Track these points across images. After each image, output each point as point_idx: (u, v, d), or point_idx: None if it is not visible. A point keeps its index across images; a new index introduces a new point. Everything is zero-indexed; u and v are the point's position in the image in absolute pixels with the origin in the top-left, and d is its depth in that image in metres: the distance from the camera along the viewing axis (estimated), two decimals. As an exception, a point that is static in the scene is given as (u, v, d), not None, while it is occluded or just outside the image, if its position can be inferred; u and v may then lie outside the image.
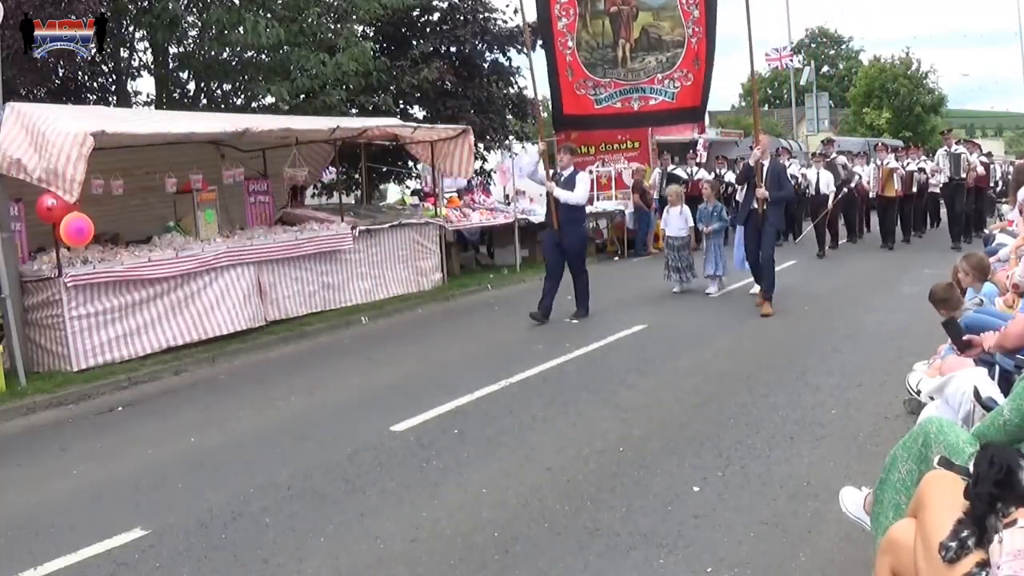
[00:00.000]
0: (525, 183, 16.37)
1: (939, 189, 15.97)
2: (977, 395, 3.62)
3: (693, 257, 11.53)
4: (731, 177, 16.12)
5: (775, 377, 6.79)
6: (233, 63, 13.33)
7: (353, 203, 15.16)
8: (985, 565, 2.19)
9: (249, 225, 10.81)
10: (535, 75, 11.22)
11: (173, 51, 13.22)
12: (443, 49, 16.62)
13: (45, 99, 10.98)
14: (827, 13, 59.90)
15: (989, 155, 19.84)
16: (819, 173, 15.60)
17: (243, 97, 13.73)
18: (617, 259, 15.81)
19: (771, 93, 58.62)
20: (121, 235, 9.53)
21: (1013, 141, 65.28)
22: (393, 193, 19.27)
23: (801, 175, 16.19)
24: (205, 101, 13.67)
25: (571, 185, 9.60)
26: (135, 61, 13.37)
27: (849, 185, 15.78)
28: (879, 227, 16.15)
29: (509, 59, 17.59)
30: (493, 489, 4.69)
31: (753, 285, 10.54)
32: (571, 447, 5.33)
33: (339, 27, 13.85)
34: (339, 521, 4.37)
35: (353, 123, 11.57)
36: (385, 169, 17.28)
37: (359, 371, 7.92)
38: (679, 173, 16.76)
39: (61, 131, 7.60)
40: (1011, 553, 2.12)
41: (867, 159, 17.03)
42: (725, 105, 57.44)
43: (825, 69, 55.86)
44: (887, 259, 14.28)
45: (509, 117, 18.00)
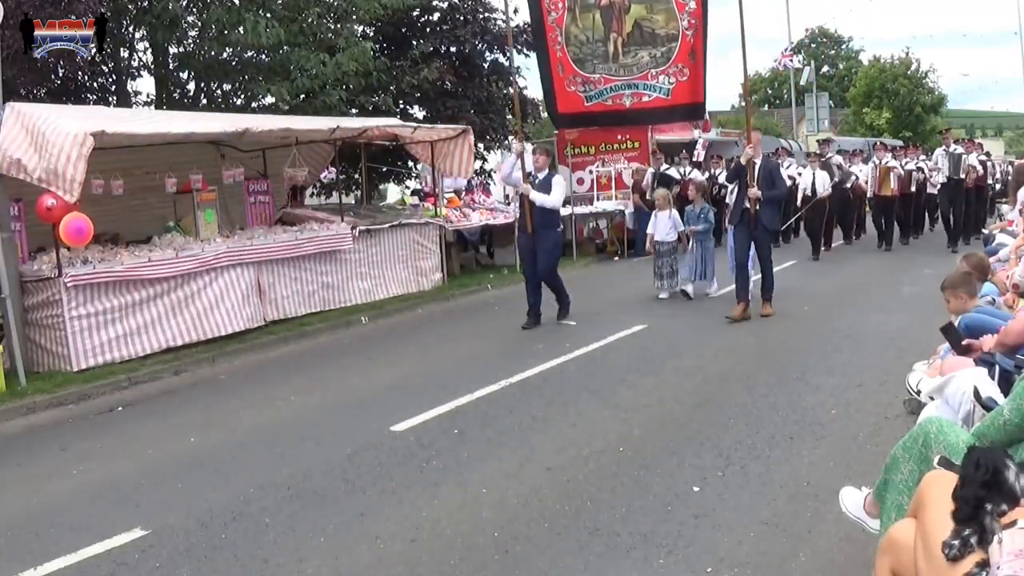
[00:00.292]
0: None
1: (937, 189, 15.59)
2: (977, 395, 3.62)
3: (678, 262, 11.17)
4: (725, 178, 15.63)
5: (775, 377, 6.79)
6: (233, 63, 13.34)
7: (353, 203, 15.16)
8: (985, 565, 2.19)
9: (249, 225, 10.81)
10: (513, 73, 11.12)
11: (173, 51, 13.22)
12: (443, 49, 16.63)
13: (45, 99, 10.98)
14: (827, 13, 59.88)
15: (988, 155, 19.70)
16: (815, 173, 15.18)
17: (243, 97, 13.74)
18: (617, 259, 15.80)
19: (771, 93, 58.62)
20: (121, 235, 9.53)
21: (1013, 141, 65.28)
22: (393, 193, 19.25)
23: (797, 175, 15.73)
24: (205, 101, 13.67)
25: (547, 188, 9.25)
26: (135, 61, 13.38)
27: (844, 184, 15.48)
28: (875, 228, 15.83)
29: (509, 59, 17.57)
30: (493, 489, 4.69)
31: (726, 287, 10.36)
32: (571, 447, 5.33)
33: (339, 27, 13.86)
34: (339, 521, 4.37)
35: (353, 123, 11.57)
36: (385, 169, 17.29)
37: (359, 371, 7.92)
38: (672, 173, 16.26)
39: (61, 131, 7.59)
40: (1011, 553, 2.13)
41: (864, 159, 16.68)
42: (725, 105, 57.36)
43: (825, 69, 55.85)
44: (887, 259, 14.28)
45: (509, 117, 17.99)
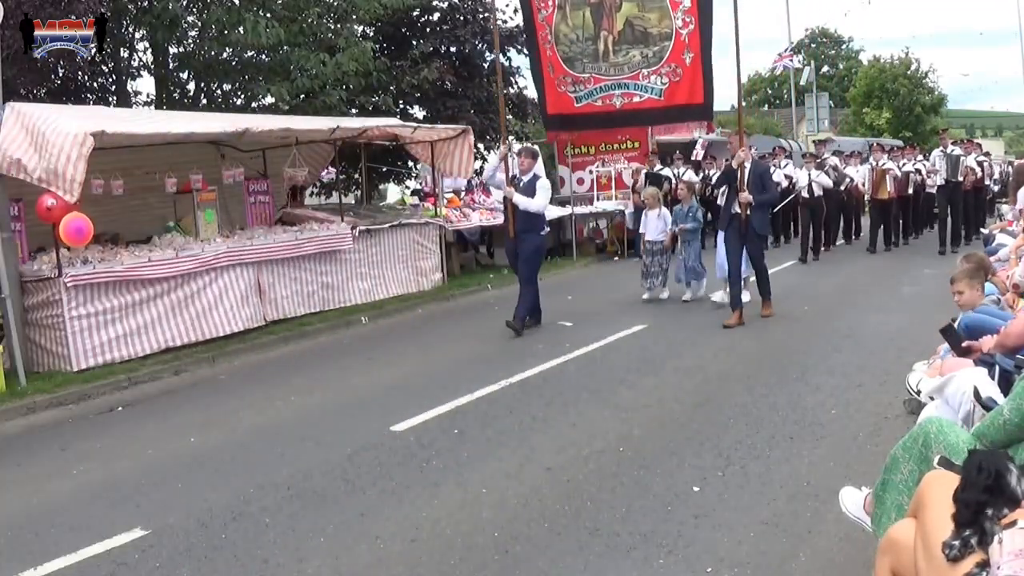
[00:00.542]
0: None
1: (935, 191, 15.24)
2: (977, 395, 3.62)
3: (670, 263, 10.95)
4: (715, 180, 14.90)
5: (775, 377, 6.79)
6: (233, 63, 13.34)
7: (353, 203, 15.16)
8: (985, 565, 2.19)
9: (249, 225, 10.81)
10: (502, 73, 10.35)
11: (173, 51, 13.23)
12: (443, 49, 16.64)
13: (45, 99, 10.99)
14: (827, 13, 59.90)
15: (987, 155, 19.51)
16: (810, 174, 14.85)
17: (243, 97, 13.74)
18: (617, 259, 15.80)
19: (771, 93, 58.61)
20: (121, 235, 9.52)
21: (1013, 141, 65.30)
22: (393, 193, 19.25)
23: (793, 175, 15.40)
24: (205, 101, 13.68)
25: (531, 191, 9.01)
26: (135, 61, 13.39)
27: (840, 186, 15.19)
28: (869, 231, 15.51)
29: (509, 59, 17.61)
30: (493, 489, 4.69)
31: (715, 293, 10.14)
32: (571, 447, 5.33)
33: (339, 27, 13.87)
34: (339, 521, 4.37)
35: (353, 123, 11.56)
36: (385, 169, 17.29)
37: (359, 371, 7.92)
38: (665, 173, 16.07)
39: (61, 131, 7.59)
40: (1011, 553, 2.13)
41: (862, 160, 16.34)
42: (725, 105, 57.25)
43: (825, 69, 55.85)
44: (886, 259, 14.28)
45: (509, 117, 17.99)
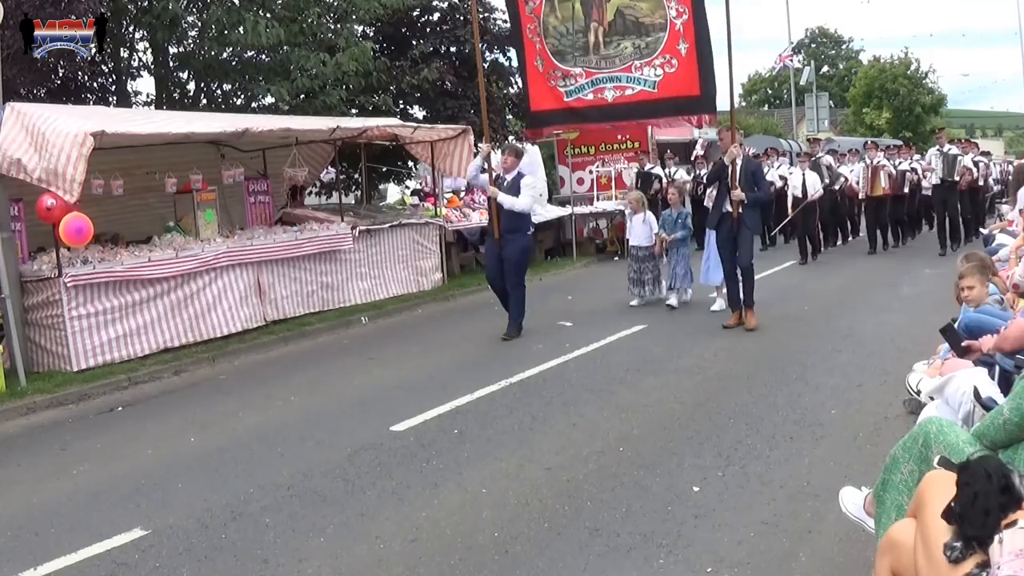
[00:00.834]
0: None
1: (930, 191, 15.05)
2: (977, 395, 3.63)
3: (659, 269, 10.61)
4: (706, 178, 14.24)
5: (775, 377, 6.79)
6: (233, 63, 13.34)
7: (353, 203, 15.16)
8: (986, 565, 2.19)
9: (249, 225, 10.81)
10: (482, 71, 9.99)
11: (173, 51, 13.24)
12: (443, 49, 16.63)
13: (45, 99, 10.99)
14: (827, 13, 59.83)
15: (987, 154, 19.30)
16: (804, 174, 14.61)
17: (243, 97, 13.74)
18: (617, 259, 15.78)
19: (771, 93, 58.66)
20: (121, 235, 9.53)
21: (1013, 141, 65.33)
22: (393, 193, 19.26)
23: (788, 174, 15.34)
24: (205, 101, 13.68)
25: (515, 190, 8.72)
26: (135, 61, 13.39)
27: (834, 186, 14.96)
28: (866, 231, 15.34)
29: (509, 59, 17.58)
30: (493, 489, 4.69)
31: (714, 301, 9.89)
32: (571, 447, 5.33)
33: (339, 27, 13.87)
34: (339, 521, 4.37)
35: (353, 123, 11.56)
36: (385, 169, 17.29)
37: (359, 371, 7.91)
38: (656, 172, 15.96)
39: (61, 131, 7.59)
40: (1012, 553, 2.12)
41: (860, 158, 16.05)
42: (725, 105, 57.24)
43: (825, 69, 55.89)
44: (886, 260, 14.27)
45: (509, 117, 18.00)
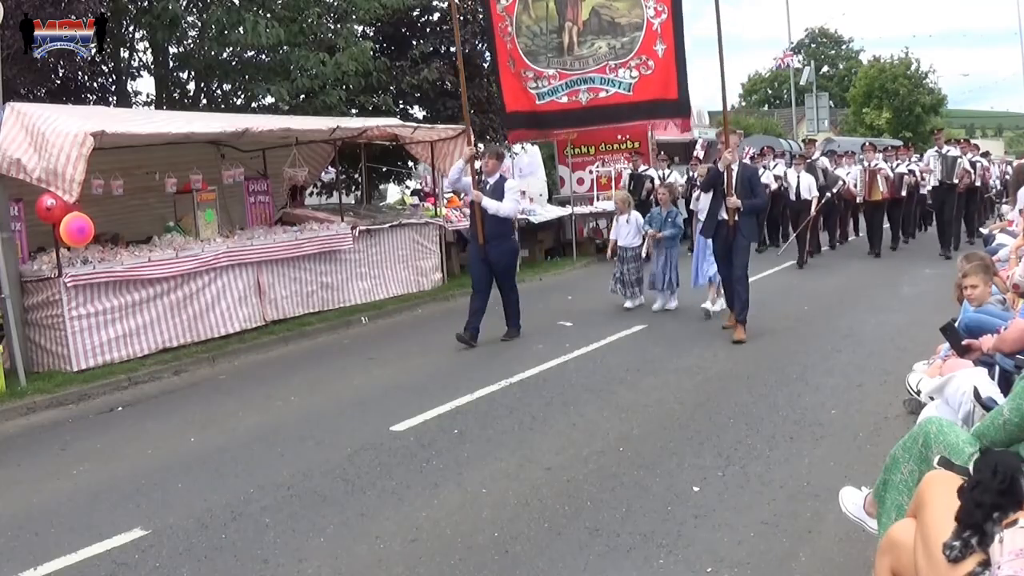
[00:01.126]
0: (525, 182, 16.22)
1: (928, 192, 15.01)
2: (977, 395, 3.63)
3: (643, 270, 10.45)
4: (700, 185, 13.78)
5: (775, 377, 6.79)
6: (233, 63, 13.32)
7: (353, 203, 15.15)
8: (986, 565, 2.19)
9: (249, 225, 10.81)
10: (464, 67, 9.35)
11: (173, 51, 13.21)
12: (443, 49, 16.60)
13: (45, 99, 10.97)
14: (827, 13, 59.79)
15: (986, 155, 19.13)
16: (799, 176, 14.46)
17: (243, 97, 13.72)
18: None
19: (771, 93, 58.67)
20: (121, 235, 9.53)
21: (1013, 141, 65.29)
22: (393, 193, 19.25)
23: (783, 175, 15.11)
24: (205, 101, 13.66)
25: (499, 194, 8.55)
26: (135, 61, 13.36)
27: (831, 190, 14.69)
28: (867, 233, 15.28)
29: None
30: (493, 489, 4.70)
31: (708, 301, 9.68)
32: (571, 447, 5.33)
33: (339, 27, 13.85)
34: (339, 521, 4.37)
35: (353, 123, 11.56)
36: (385, 169, 17.28)
37: (359, 371, 7.92)
38: (649, 173, 15.78)
39: (61, 131, 7.59)
40: (1012, 552, 2.12)
41: (855, 160, 16.06)
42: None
43: (825, 69, 55.90)
44: (886, 260, 14.26)
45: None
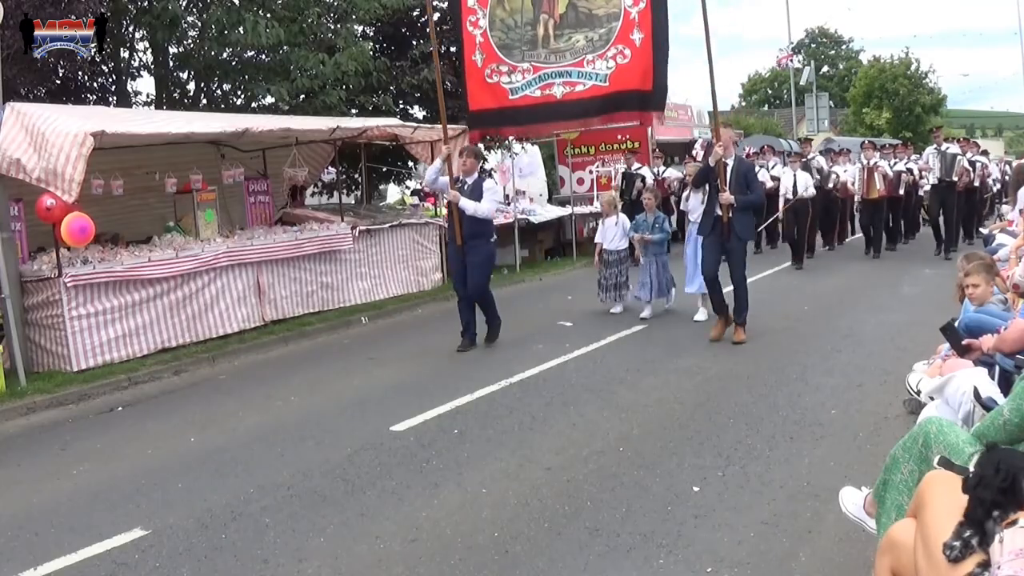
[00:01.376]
0: (526, 182, 16.21)
1: (927, 191, 14.87)
2: (977, 395, 3.63)
3: (628, 273, 10.17)
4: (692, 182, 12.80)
5: (775, 377, 6.79)
6: (233, 63, 13.34)
7: (353, 203, 15.16)
8: (986, 565, 2.19)
9: (249, 225, 10.81)
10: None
11: (173, 51, 13.23)
12: (443, 49, 16.60)
13: (45, 99, 10.98)
14: (830, 12, 59.91)
15: (985, 154, 19.03)
16: (795, 175, 14.27)
17: (243, 97, 13.73)
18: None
19: (771, 93, 58.68)
20: (121, 235, 9.53)
21: (1013, 141, 65.28)
22: (393, 193, 19.26)
23: (781, 174, 14.91)
24: (205, 101, 13.68)
25: (477, 194, 8.37)
26: (135, 61, 13.39)
27: (825, 188, 14.64)
28: (863, 232, 15.14)
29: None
30: (493, 489, 4.69)
31: (697, 311, 9.30)
32: (571, 447, 5.33)
33: (339, 27, 13.86)
34: (339, 521, 4.37)
35: (353, 123, 11.56)
36: (385, 169, 17.28)
37: (359, 371, 7.92)
38: (642, 173, 15.62)
39: (61, 131, 7.59)
40: (1012, 552, 2.12)
41: (852, 160, 15.79)
42: (725, 105, 57.23)
43: (825, 69, 55.91)
44: (886, 260, 14.26)
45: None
